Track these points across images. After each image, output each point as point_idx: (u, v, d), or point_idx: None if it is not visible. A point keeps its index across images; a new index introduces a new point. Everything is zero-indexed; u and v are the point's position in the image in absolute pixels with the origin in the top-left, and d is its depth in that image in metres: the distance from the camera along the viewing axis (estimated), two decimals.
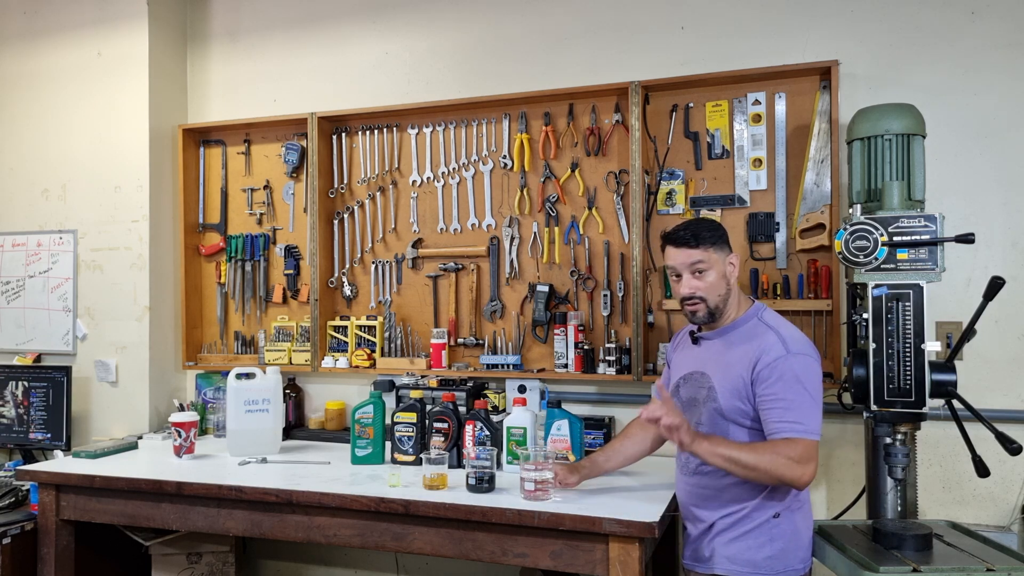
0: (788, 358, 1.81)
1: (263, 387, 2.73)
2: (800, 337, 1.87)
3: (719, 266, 1.94)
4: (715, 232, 1.96)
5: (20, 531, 2.61)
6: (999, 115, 2.43)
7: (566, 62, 2.90)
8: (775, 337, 1.86)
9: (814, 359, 1.84)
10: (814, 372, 1.82)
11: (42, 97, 3.40)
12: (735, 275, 1.96)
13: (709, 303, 1.94)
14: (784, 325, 1.91)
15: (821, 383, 1.83)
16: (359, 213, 3.17)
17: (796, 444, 1.76)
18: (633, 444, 2.26)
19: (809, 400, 1.79)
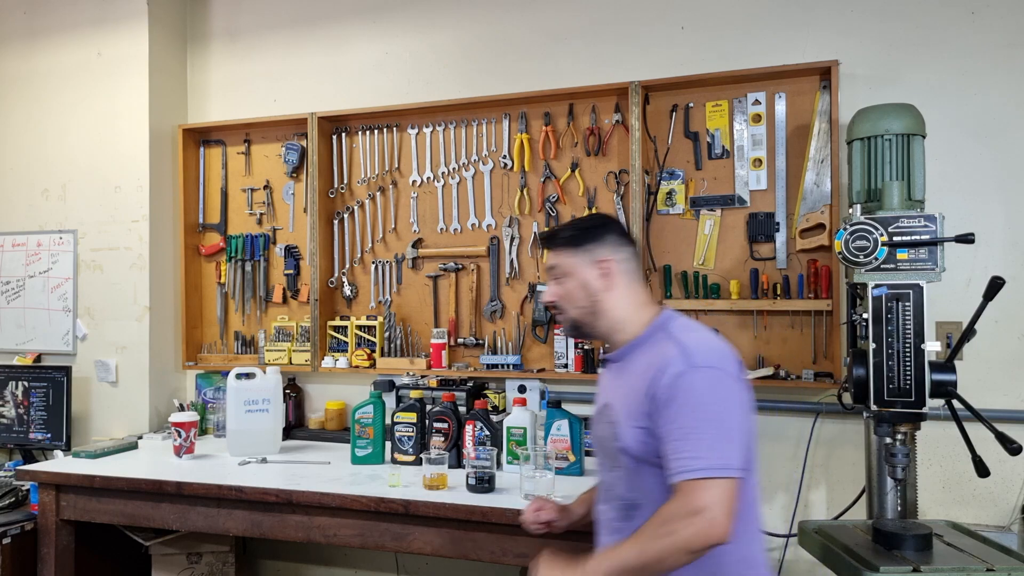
0: (687, 374, 1.41)
1: (263, 387, 2.73)
2: (708, 345, 1.47)
3: (578, 273, 1.58)
4: (577, 233, 1.62)
5: (20, 531, 2.61)
6: (999, 115, 2.43)
7: (566, 62, 2.90)
8: (675, 350, 1.45)
9: (725, 371, 1.44)
10: (722, 388, 1.42)
11: (42, 97, 3.40)
12: (611, 284, 1.58)
13: (568, 315, 1.62)
14: (691, 331, 1.52)
15: (735, 403, 1.45)
16: (359, 213, 3.17)
17: (688, 492, 1.34)
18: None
19: (708, 425, 1.38)
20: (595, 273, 1.58)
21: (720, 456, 1.36)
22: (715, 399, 1.41)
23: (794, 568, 2.60)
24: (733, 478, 1.36)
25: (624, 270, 1.60)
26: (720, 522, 1.32)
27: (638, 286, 1.62)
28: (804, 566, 2.57)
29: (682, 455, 1.37)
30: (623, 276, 1.59)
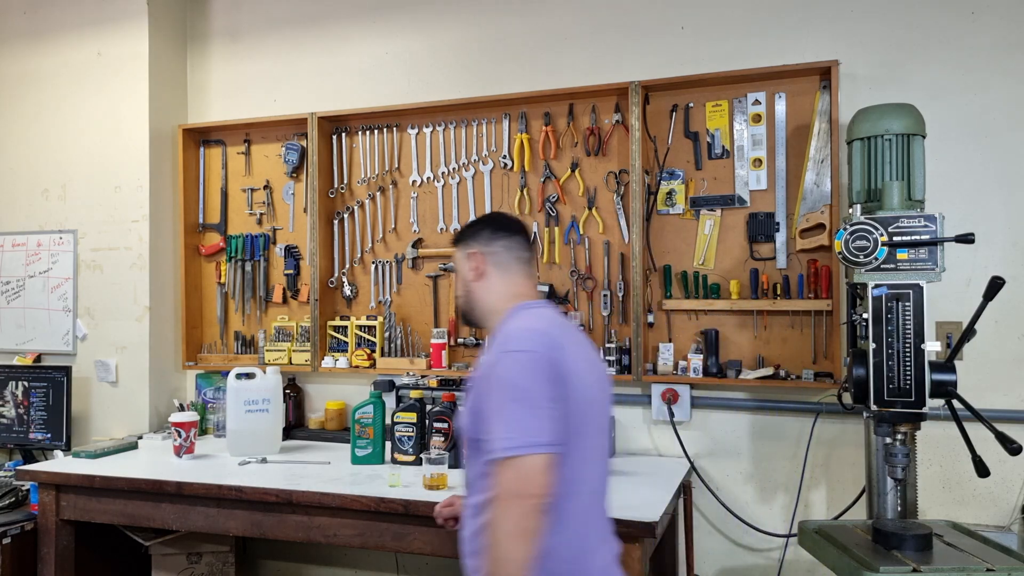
0: (499, 360, 1.44)
1: (263, 387, 2.73)
2: (524, 331, 1.48)
3: (458, 266, 1.71)
4: (461, 230, 1.75)
5: (20, 531, 2.61)
6: (999, 115, 2.43)
7: (566, 62, 2.90)
8: (500, 338, 1.50)
9: (536, 353, 1.42)
10: (525, 368, 1.40)
11: (42, 97, 3.40)
12: (481, 275, 1.66)
13: (458, 303, 1.75)
14: (520, 319, 1.55)
15: (543, 380, 1.40)
16: (359, 213, 3.17)
17: (497, 473, 1.36)
18: None
19: (515, 405, 1.37)
20: (468, 265, 1.68)
21: (523, 432, 1.36)
22: (521, 379, 1.40)
23: (794, 568, 2.60)
24: (541, 453, 1.36)
25: (496, 262, 1.66)
26: (537, 490, 1.35)
27: (515, 278, 1.67)
28: (804, 566, 2.57)
29: (492, 436, 1.38)
30: (494, 268, 1.66)
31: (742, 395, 2.67)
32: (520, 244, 1.70)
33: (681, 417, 2.69)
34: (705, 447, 2.71)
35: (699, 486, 2.67)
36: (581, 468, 1.49)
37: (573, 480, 1.46)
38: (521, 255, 1.69)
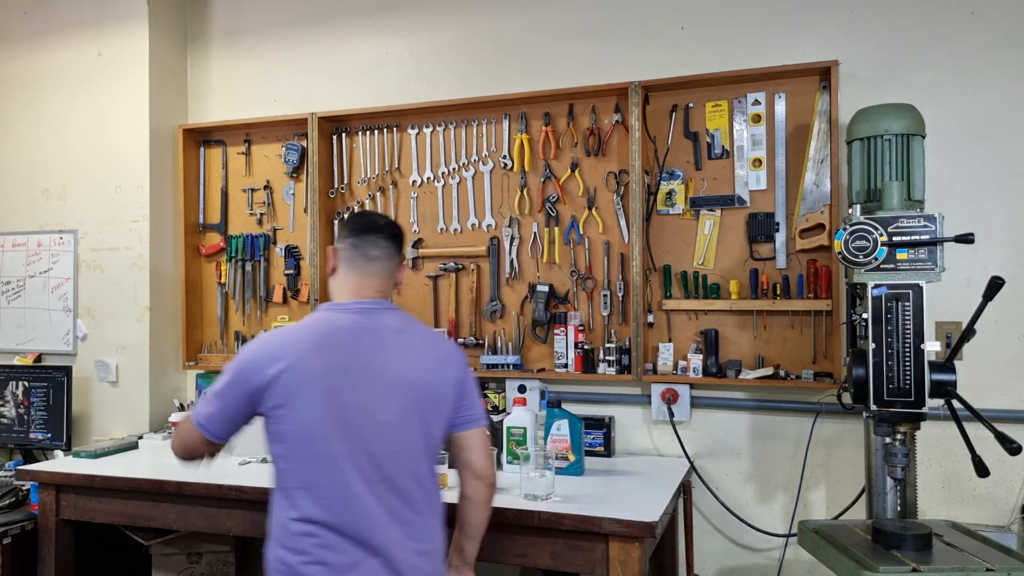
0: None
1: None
2: (257, 338, 1.75)
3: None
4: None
5: (20, 531, 2.61)
6: (999, 115, 2.43)
7: (566, 62, 2.90)
8: None
9: (239, 359, 1.67)
10: (228, 369, 1.68)
11: (42, 97, 3.40)
12: (333, 271, 1.79)
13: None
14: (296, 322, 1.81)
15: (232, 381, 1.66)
16: None
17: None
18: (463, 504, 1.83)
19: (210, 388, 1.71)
20: (329, 260, 1.82)
21: (197, 412, 1.72)
22: (223, 374, 1.70)
23: (794, 568, 2.61)
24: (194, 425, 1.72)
25: (342, 258, 1.78)
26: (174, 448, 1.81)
27: (352, 276, 1.76)
28: (804, 566, 2.58)
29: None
30: (340, 263, 1.78)
31: (742, 395, 2.67)
32: (369, 244, 1.76)
33: (681, 417, 2.69)
34: (705, 447, 2.71)
35: (699, 486, 2.67)
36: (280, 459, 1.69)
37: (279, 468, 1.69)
38: (367, 254, 1.76)
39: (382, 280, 1.77)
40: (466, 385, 1.78)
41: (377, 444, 1.62)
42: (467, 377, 1.80)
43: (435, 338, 1.83)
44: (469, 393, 1.78)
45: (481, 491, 1.77)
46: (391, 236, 1.80)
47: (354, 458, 1.60)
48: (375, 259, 1.76)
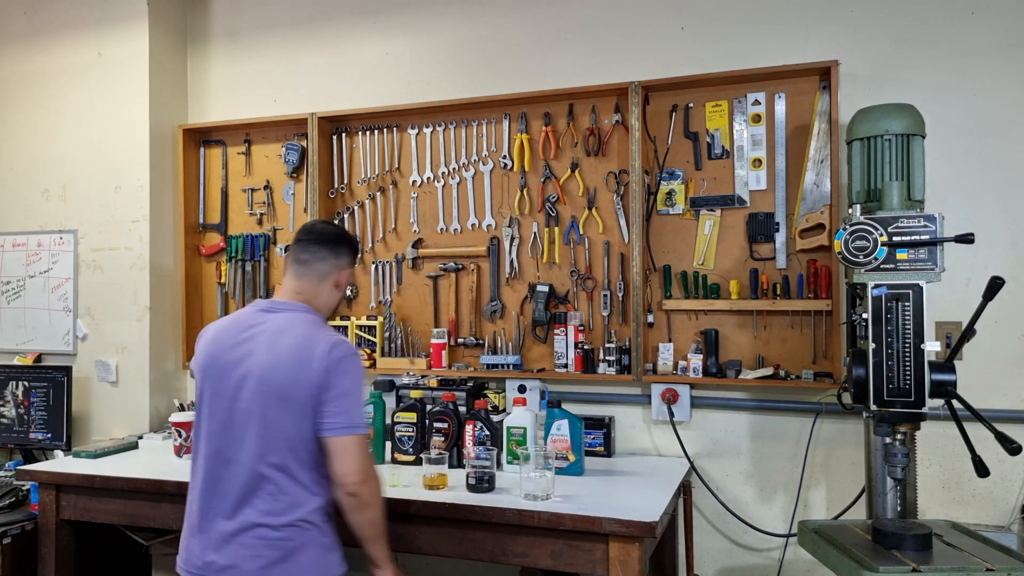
0: None
1: None
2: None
3: None
4: None
5: (20, 531, 2.61)
6: (999, 115, 2.43)
7: (566, 62, 2.90)
8: None
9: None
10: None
11: (42, 97, 3.40)
12: (284, 273, 2.00)
13: None
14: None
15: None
16: (359, 213, 3.17)
17: None
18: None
19: None
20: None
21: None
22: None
23: (793, 568, 2.61)
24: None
25: (286, 263, 1.97)
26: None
27: (285, 277, 1.96)
28: (804, 566, 2.58)
29: None
30: (285, 267, 1.97)
31: (742, 395, 2.67)
32: (300, 248, 1.94)
33: (681, 417, 2.69)
34: (705, 447, 2.71)
35: (699, 486, 2.67)
36: (197, 440, 1.87)
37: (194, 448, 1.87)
38: (297, 257, 1.94)
39: (308, 282, 1.92)
40: (330, 392, 1.76)
41: (222, 427, 1.81)
42: (333, 384, 1.77)
43: (309, 343, 1.79)
44: (333, 400, 1.76)
45: (344, 499, 1.77)
46: (321, 241, 1.94)
47: (208, 436, 1.83)
48: (303, 263, 1.93)
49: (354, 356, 1.83)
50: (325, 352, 1.77)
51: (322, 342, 1.79)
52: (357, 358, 1.84)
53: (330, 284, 1.94)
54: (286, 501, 1.76)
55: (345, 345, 1.82)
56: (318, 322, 1.89)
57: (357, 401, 1.80)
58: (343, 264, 1.96)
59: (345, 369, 1.78)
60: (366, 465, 1.78)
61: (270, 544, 1.74)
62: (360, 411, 1.81)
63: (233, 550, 1.75)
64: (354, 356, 1.83)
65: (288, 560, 1.75)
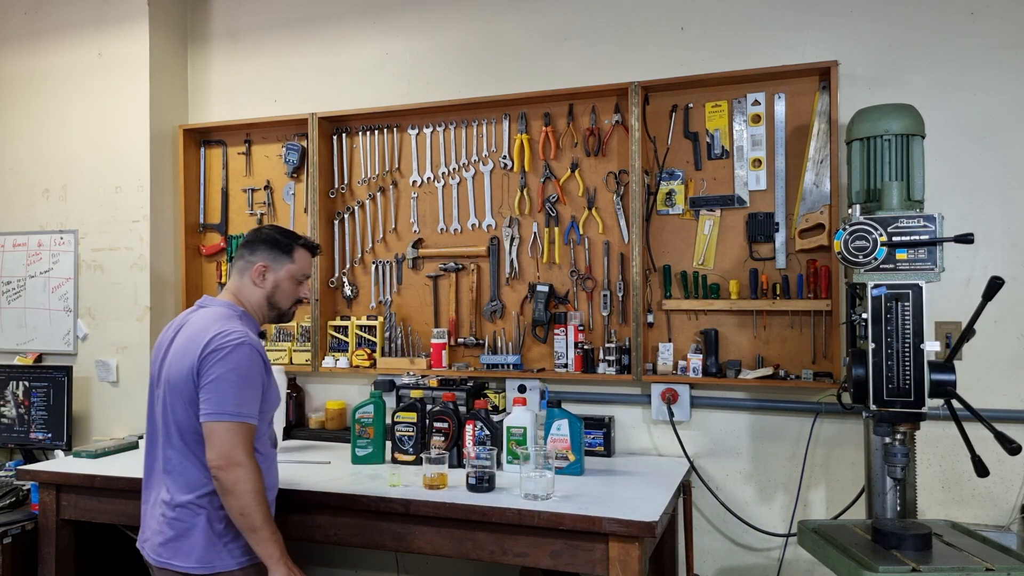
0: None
1: None
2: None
3: None
4: None
5: (21, 531, 2.62)
6: (999, 115, 2.43)
7: (566, 62, 2.90)
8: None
9: None
10: None
11: (42, 97, 3.40)
12: None
13: None
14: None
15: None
16: (359, 213, 3.17)
17: None
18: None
19: None
20: None
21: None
22: None
23: (793, 567, 2.61)
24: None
25: None
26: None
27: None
28: (803, 566, 2.58)
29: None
30: None
31: (742, 395, 2.68)
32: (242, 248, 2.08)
33: (681, 417, 2.70)
34: (705, 447, 2.71)
35: (699, 486, 2.67)
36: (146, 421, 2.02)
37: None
38: (231, 260, 2.10)
39: (232, 280, 2.07)
40: (205, 377, 1.82)
41: (154, 416, 1.95)
42: (205, 372, 1.82)
43: (200, 334, 1.87)
44: (204, 387, 1.82)
45: (216, 480, 1.81)
46: (243, 242, 2.07)
47: (147, 423, 1.99)
48: (232, 263, 2.09)
49: (236, 346, 1.84)
50: (206, 341, 1.84)
51: (210, 333, 1.86)
52: (240, 348, 1.84)
53: (248, 280, 2.03)
54: (181, 483, 1.87)
55: (230, 336, 1.85)
56: (227, 316, 1.94)
57: (228, 388, 1.81)
58: (257, 260, 2.03)
59: (219, 358, 1.82)
60: (231, 451, 1.78)
61: (167, 522, 1.87)
62: (232, 398, 1.80)
63: (148, 524, 1.93)
64: (236, 346, 1.84)
65: (179, 539, 1.85)
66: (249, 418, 1.83)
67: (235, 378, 1.82)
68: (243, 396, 1.83)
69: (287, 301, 2.08)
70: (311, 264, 2.13)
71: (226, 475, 1.78)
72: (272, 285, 2.04)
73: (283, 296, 2.07)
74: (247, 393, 1.84)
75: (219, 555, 1.85)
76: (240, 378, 1.83)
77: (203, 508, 1.85)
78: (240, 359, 1.84)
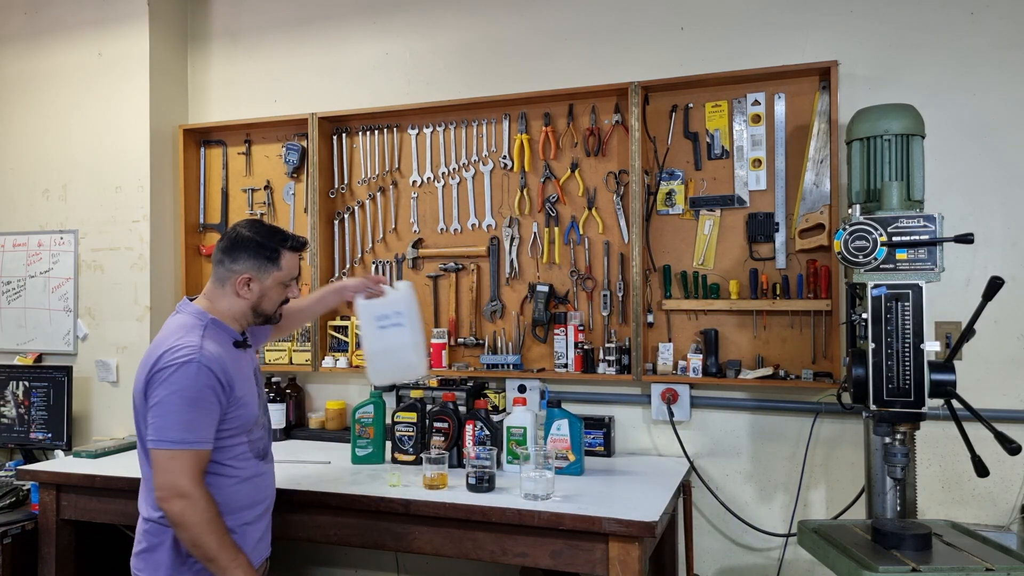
0: None
1: (394, 300, 2.28)
2: None
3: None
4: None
5: (21, 531, 2.62)
6: (999, 115, 2.43)
7: (566, 62, 2.90)
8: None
9: None
10: None
11: (42, 97, 3.40)
12: None
13: None
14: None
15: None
16: (359, 213, 3.17)
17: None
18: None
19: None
20: None
21: None
22: None
23: (793, 567, 2.61)
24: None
25: None
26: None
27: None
28: (803, 566, 2.58)
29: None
30: None
31: (742, 395, 2.68)
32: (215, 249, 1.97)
33: (681, 417, 2.70)
34: (705, 447, 2.71)
35: (699, 486, 2.67)
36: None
37: None
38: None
39: (209, 286, 1.96)
40: (150, 399, 1.74)
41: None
42: (152, 393, 1.73)
43: (158, 344, 1.80)
44: (151, 409, 1.73)
45: (162, 511, 1.74)
46: (222, 246, 1.92)
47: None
48: (213, 264, 1.96)
49: (180, 366, 1.71)
50: (155, 360, 1.74)
51: (161, 348, 1.76)
52: (185, 368, 1.72)
53: (230, 290, 1.90)
54: (150, 499, 1.80)
55: (178, 353, 1.74)
56: (189, 327, 1.84)
57: (171, 413, 1.70)
58: (240, 269, 1.88)
59: (163, 379, 1.71)
60: (174, 481, 1.69)
61: (142, 533, 1.85)
62: (175, 424, 1.69)
63: (136, 531, 1.89)
64: (180, 366, 1.71)
65: (150, 552, 1.82)
66: (196, 444, 1.71)
67: (179, 401, 1.70)
68: (190, 420, 1.71)
69: (274, 306, 1.97)
70: (299, 263, 1.99)
71: (169, 507, 1.70)
72: (258, 295, 1.91)
73: (270, 303, 1.95)
74: (195, 416, 1.71)
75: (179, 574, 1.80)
76: (185, 400, 1.70)
77: (168, 528, 1.78)
78: (184, 379, 1.71)
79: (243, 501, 1.86)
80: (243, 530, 1.86)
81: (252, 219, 2.03)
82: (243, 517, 1.87)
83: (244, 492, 1.87)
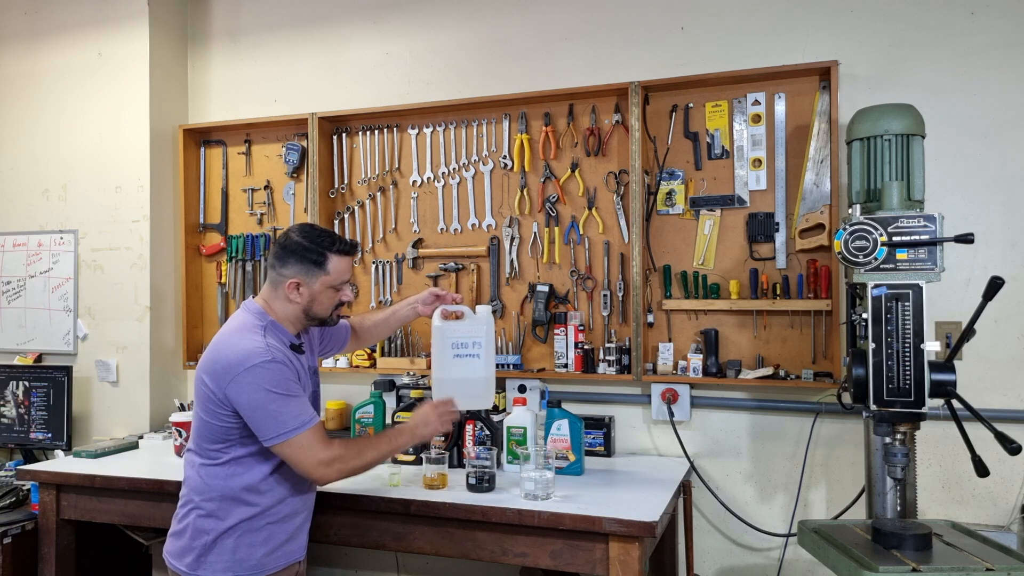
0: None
1: (474, 330, 2.26)
2: None
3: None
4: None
5: (21, 531, 2.62)
6: (999, 115, 2.43)
7: (566, 62, 2.90)
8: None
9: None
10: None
11: (42, 97, 3.40)
12: None
13: None
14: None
15: None
16: (359, 213, 3.17)
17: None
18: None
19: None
20: None
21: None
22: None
23: (793, 567, 2.61)
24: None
25: None
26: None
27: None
28: (803, 565, 2.58)
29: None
30: None
31: (742, 395, 2.68)
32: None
33: (681, 417, 2.70)
34: (705, 447, 2.71)
35: (699, 486, 2.67)
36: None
37: None
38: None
39: (265, 288, 1.99)
40: (240, 408, 1.82)
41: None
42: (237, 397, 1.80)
43: (224, 347, 1.85)
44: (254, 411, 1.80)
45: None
46: (275, 252, 1.97)
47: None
48: (267, 267, 2.00)
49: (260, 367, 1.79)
50: (230, 363, 1.81)
51: (232, 349, 1.83)
52: (263, 368, 1.79)
53: (282, 294, 1.94)
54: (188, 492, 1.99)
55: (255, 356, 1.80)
56: (250, 325, 1.88)
57: (274, 410, 1.80)
58: (288, 274, 1.92)
59: (245, 382, 1.79)
60: (314, 457, 1.83)
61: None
62: (284, 416, 1.80)
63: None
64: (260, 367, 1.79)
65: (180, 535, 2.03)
66: (311, 421, 1.83)
67: (276, 397, 1.79)
68: (294, 407, 1.81)
69: (327, 310, 1.99)
70: (351, 267, 2.01)
71: (328, 476, 1.85)
72: (308, 300, 1.94)
73: (321, 307, 1.97)
74: (294, 403, 1.82)
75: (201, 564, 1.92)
76: (279, 394, 1.80)
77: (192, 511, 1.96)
78: (270, 377, 1.79)
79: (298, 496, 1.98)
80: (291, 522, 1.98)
81: (303, 223, 2.05)
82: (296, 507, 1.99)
83: (292, 497, 1.98)
